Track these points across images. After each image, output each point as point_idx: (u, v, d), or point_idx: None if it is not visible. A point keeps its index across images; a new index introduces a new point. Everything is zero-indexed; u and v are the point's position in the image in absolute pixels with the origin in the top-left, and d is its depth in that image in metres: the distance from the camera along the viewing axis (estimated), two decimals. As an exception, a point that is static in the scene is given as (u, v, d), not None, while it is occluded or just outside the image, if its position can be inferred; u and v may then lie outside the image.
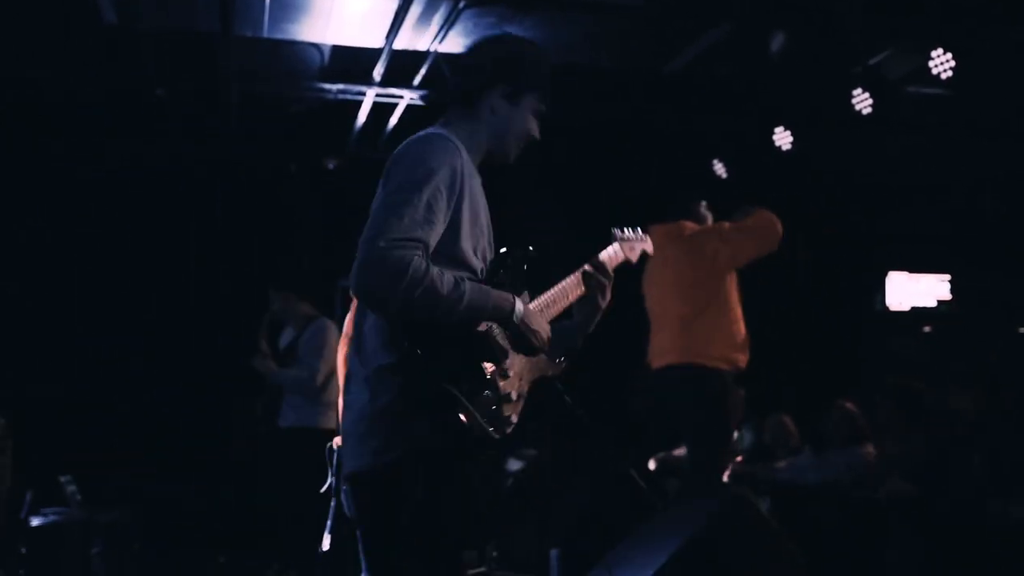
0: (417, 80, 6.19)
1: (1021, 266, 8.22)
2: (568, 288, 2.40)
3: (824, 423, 5.85)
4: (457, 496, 2.02)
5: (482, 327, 2.08)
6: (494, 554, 4.32)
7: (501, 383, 2.10)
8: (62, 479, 5.56)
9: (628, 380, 7.60)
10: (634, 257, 2.71)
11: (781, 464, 5.98)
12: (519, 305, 2.13)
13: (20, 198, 6.81)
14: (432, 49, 5.85)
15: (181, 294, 7.05)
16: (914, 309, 9.36)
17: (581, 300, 2.42)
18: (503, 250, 2.26)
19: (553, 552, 5.40)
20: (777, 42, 6.06)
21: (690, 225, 4.78)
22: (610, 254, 2.56)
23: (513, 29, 5.76)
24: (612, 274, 2.46)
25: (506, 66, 2.26)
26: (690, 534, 4.15)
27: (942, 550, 4.76)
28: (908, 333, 9.35)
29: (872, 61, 5.90)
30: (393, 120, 6.74)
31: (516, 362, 2.17)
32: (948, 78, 5.42)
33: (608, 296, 2.42)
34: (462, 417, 1.97)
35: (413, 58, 6.03)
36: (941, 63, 5.43)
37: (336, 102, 6.50)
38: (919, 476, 4.93)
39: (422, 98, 6.40)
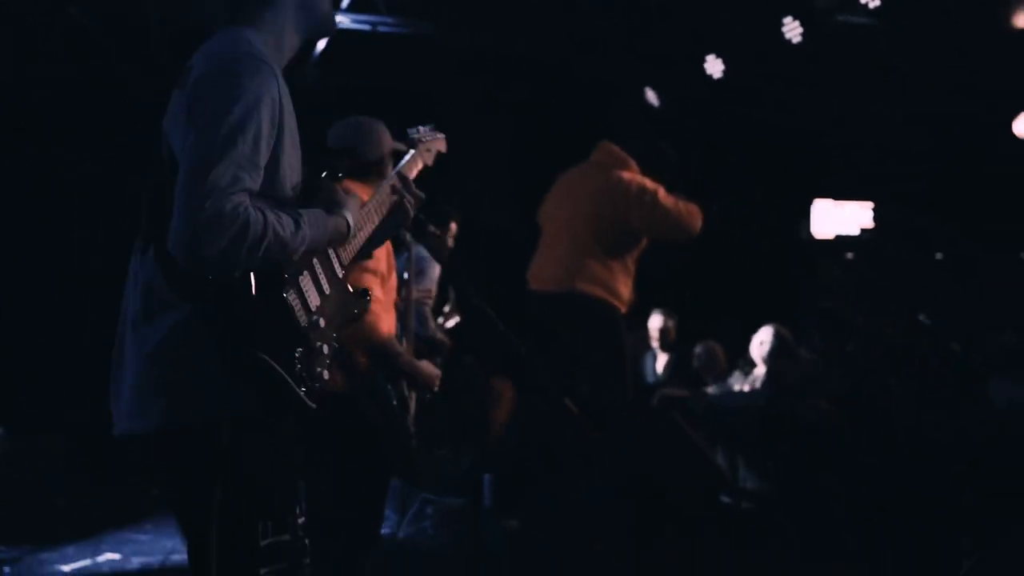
0: (345, 2, 6.03)
1: (940, 195, 8.45)
2: (383, 199, 2.29)
3: (749, 344, 6.00)
4: (264, 463, 1.87)
5: (294, 276, 1.89)
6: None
7: (312, 335, 1.89)
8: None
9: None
10: (430, 160, 2.60)
11: (710, 388, 6.14)
12: (353, 226, 2.03)
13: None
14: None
15: (81, 215, 6.76)
16: (838, 237, 9.57)
17: (391, 212, 2.31)
18: (312, 169, 2.04)
19: (486, 477, 5.49)
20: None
21: (620, 167, 4.57)
22: (410, 163, 2.48)
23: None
24: (411, 183, 2.35)
25: None
26: (619, 455, 4.27)
27: (866, 465, 4.96)
28: (833, 260, 9.58)
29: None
30: (320, 45, 6.57)
31: (326, 308, 1.96)
32: (876, 7, 5.47)
33: (411, 211, 2.32)
34: (278, 387, 1.80)
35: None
36: (870, -8, 5.48)
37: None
38: (844, 394, 5.11)
39: (353, 22, 6.25)
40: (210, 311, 1.79)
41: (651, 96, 7.65)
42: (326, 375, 1.94)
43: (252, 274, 1.79)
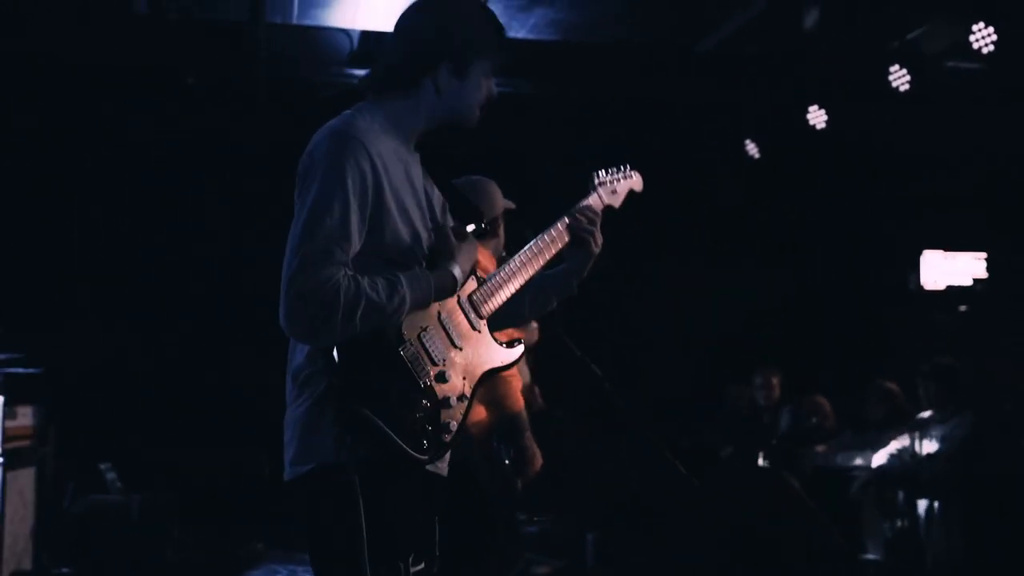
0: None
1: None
2: (553, 238, 2.25)
3: (864, 403, 5.79)
4: (379, 508, 1.90)
5: (413, 333, 1.96)
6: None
7: (439, 387, 1.97)
8: (101, 467, 5.61)
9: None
10: (617, 202, 2.45)
11: (820, 447, 5.93)
12: (458, 272, 2.03)
13: (50, 185, 6.85)
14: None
15: (211, 278, 7.06)
16: (949, 288, 9.22)
17: (571, 247, 2.28)
18: (439, 226, 2.10)
19: (589, 536, 5.40)
20: (811, 18, 5.96)
21: None
22: (590, 203, 2.36)
23: (543, 10, 5.71)
24: (598, 217, 2.29)
25: (444, 43, 2.06)
26: (729, 513, 4.15)
27: (986, 528, 4.71)
28: (944, 312, 9.23)
29: (910, 36, 5.80)
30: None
31: (458, 361, 2.03)
32: (989, 52, 5.30)
33: (599, 241, 2.26)
34: (378, 441, 1.86)
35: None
36: (982, 37, 5.31)
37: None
38: (964, 454, 4.87)
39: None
40: (328, 369, 1.88)
41: (751, 148, 7.56)
42: (454, 425, 1.98)
43: (370, 333, 1.89)
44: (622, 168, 2.51)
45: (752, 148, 7.53)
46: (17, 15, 5.54)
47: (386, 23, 6.29)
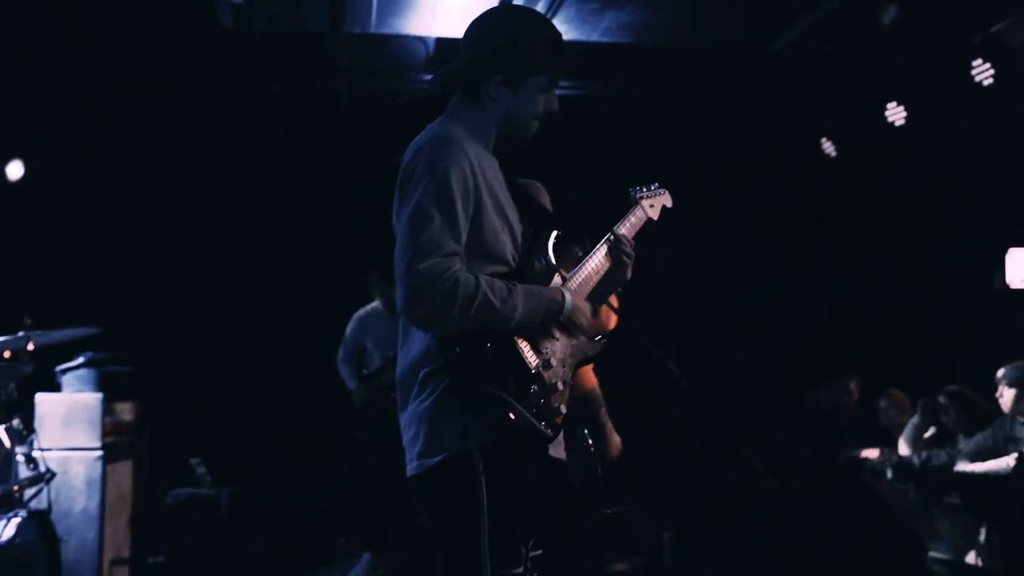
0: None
1: None
2: (601, 262, 2.38)
3: (941, 412, 5.68)
4: (507, 494, 1.99)
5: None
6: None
7: (545, 374, 2.08)
8: (192, 461, 5.84)
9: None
10: (655, 215, 2.61)
11: (903, 451, 5.83)
12: (568, 299, 2.15)
13: (143, 199, 7.14)
14: (536, 37, 5.88)
15: (297, 286, 7.28)
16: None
17: (607, 270, 2.40)
18: (531, 232, 2.25)
19: (666, 535, 5.40)
20: (889, 14, 5.88)
21: None
22: (632, 221, 2.51)
23: (616, 13, 5.74)
24: (633, 244, 2.42)
25: (502, 54, 2.20)
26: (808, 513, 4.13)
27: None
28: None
29: (993, 29, 5.67)
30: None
31: (557, 350, 2.15)
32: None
33: (630, 267, 2.39)
34: (511, 416, 1.97)
35: (517, 47, 6.07)
36: (1068, 28, 5.18)
37: (442, 94, 6.58)
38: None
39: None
40: (448, 358, 2.00)
41: (828, 147, 7.47)
42: (563, 409, 2.10)
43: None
44: (655, 185, 2.68)
45: (828, 147, 7.44)
46: (104, 35, 5.79)
47: (461, 29, 6.40)
